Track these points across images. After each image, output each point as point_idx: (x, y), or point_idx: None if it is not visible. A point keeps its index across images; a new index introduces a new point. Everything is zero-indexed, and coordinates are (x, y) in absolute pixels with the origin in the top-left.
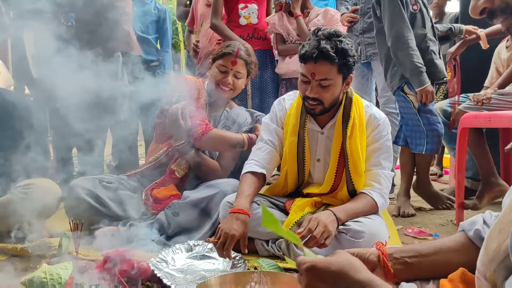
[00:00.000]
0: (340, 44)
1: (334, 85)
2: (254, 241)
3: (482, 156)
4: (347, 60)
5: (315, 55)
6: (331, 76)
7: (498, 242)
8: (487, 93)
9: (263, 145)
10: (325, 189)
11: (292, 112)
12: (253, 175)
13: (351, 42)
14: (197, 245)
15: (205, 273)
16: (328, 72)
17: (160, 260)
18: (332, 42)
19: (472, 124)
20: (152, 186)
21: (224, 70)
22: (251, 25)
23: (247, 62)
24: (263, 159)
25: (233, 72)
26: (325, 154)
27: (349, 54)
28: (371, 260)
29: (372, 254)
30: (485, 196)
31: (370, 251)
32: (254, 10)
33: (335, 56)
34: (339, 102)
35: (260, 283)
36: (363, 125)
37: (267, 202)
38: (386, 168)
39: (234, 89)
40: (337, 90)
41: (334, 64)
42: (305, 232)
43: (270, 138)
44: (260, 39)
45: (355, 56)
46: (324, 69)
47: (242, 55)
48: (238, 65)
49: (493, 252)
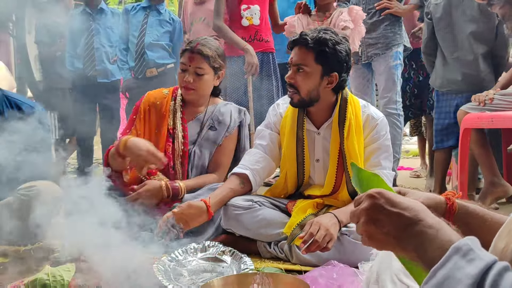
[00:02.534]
0: (322, 34)
1: (310, 74)
2: (256, 243)
3: (484, 157)
4: (324, 49)
5: (294, 39)
6: (306, 63)
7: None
8: (489, 94)
9: (252, 149)
10: (326, 191)
11: (288, 114)
12: (235, 176)
13: (338, 38)
14: (211, 246)
15: (211, 275)
16: (304, 58)
17: (171, 259)
18: (316, 32)
19: (474, 124)
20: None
21: (183, 68)
22: (253, 26)
23: (208, 56)
24: (248, 161)
25: (192, 69)
26: (323, 154)
27: (327, 44)
28: (436, 208)
29: (438, 204)
30: (488, 197)
31: (437, 199)
32: (256, 11)
33: (311, 41)
34: (332, 102)
35: (262, 285)
36: (360, 126)
37: (268, 203)
38: (387, 168)
39: (196, 88)
40: (312, 81)
41: (309, 50)
42: (307, 236)
43: (261, 142)
44: (262, 41)
45: (337, 50)
46: (300, 54)
47: (200, 49)
48: (196, 60)
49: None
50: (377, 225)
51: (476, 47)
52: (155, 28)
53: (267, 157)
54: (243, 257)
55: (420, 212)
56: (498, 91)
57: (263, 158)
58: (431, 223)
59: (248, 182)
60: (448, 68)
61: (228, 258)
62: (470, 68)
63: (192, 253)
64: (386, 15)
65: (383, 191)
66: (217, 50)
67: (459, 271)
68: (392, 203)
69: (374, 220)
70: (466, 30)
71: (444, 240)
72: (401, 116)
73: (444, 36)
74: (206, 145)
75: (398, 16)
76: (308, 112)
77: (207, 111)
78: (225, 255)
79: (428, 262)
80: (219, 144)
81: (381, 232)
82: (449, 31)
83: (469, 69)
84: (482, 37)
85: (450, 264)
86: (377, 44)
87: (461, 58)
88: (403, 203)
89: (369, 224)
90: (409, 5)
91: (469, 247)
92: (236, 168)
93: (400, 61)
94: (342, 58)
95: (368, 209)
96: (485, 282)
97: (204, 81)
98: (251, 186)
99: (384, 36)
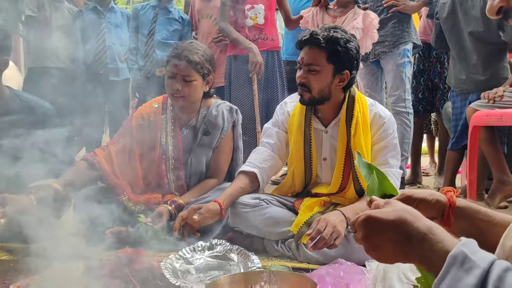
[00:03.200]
0: (333, 33)
1: (322, 73)
2: (263, 242)
3: (494, 155)
4: (336, 48)
5: (305, 39)
6: (318, 62)
7: None
8: (499, 91)
9: (259, 148)
10: (333, 189)
11: (296, 112)
12: (243, 175)
13: (348, 36)
14: (218, 244)
15: (218, 272)
16: (316, 58)
17: (179, 257)
18: (326, 31)
19: (484, 122)
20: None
21: (170, 75)
22: (257, 26)
23: (195, 63)
24: (256, 160)
25: (179, 76)
26: (331, 153)
27: (339, 43)
28: (435, 207)
29: (438, 201)
30: (498, 195)
31: (437, 197)
32: (260, 10)
33: (323, 41)
34: (340, 100)
35: (269, 283)
36: (367, 124)
37: (275, 201)
38: (394, 166)
39: (185, 95)
40: (325, 80)
41: (321, 50)
42: (314, 233)
43: (268, 140)
44: (267, 39)
45: (349, 48)
46: (312, 53)
47: (187, 57)
48: (183, 68)
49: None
50: (377, 250)
51: (479, 46)
52: (164, 26)
53: (274, 155)
54: (250, 255)
55: (408, 225)
56: (508, 88)
57: (270, 157)
58: (421, 231)
59: (256, 181)
60: (456, 67)
61: (235, 256)
62: (473, 68)
63: (200, 251)
64: (394, 12)
65: (371, 214)
66: (205, 55)
67: (460, 282)
68: (381, 227)
69: (373, 246)
70: (467, 29)
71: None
72: (410, 115)
73: (450, 36)
74: (202, 151)
75: (407, 14)
76: (316, 111)
77: (199, 115)
78: (232, 253)
79: (434, 271)
80: (215, 147)
81: (384, 254)
82: (454, 31)
83: (473, 69)
84: (483, 37)
85: (450, 276)
86: (385, 42)
87: (465, 58)
88: (389, 218)
89: (371, 250)
90: (417, 2)
91: (464, 255)
92: (244, 166)
93: (409, 59)
94: (353, 55)
95: (364, 238)
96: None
97: (193, 88)
98: (258, 185)
99: (392, 34)
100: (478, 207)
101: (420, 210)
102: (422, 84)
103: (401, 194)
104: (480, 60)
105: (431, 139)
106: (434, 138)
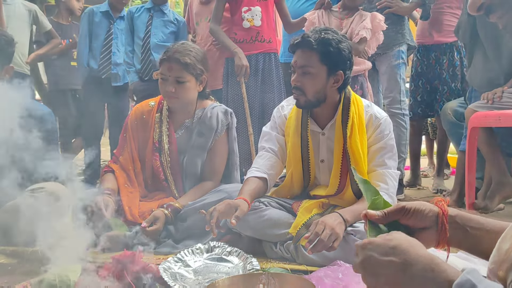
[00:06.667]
0: (324, 35)
1: (316, 75)
2: (262, 244)
3: (492, 156)
4: (328, 49)
5: (297, 42)
6: (311, 64)
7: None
8: (497, 91)
9: (263, 153)
10: (331, 191)
11: (292, 115)
12: (256, 178)
13: (340, 37)
14: (217, 246)
15: (217, 275)
16: (309, 59)
17: (177, 260)
18: (317, 33)
19: (482, 123)
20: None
21: (163, 77)
22: (254, 27)
23: (187, 64)
24: (264, 166)
25: (172, 78)
26: (328, 155)
27: (331, 44)
28: (429, 217)
29: (431, 211)
30: (497, 196)
31: (430, 207)
32: (257, 12)
33: (315, 43)
34: (336, 102)
35: (268, 285)
36: (363, 125)
37: (274, 203)
38: (392, 167)
39: (179, 96)
40: (319, 81)
41: (313, 51)
42: (312, 236)
43: (271, 146)
44: (264, 41)
45: (341, 49)
46: (304, 56)
47: (178, 58)
48: (175, 70)
49: (505, 253)
50: (375, 278)
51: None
52: (160, 29)
53: (279, 161)
54: (249, 258)
55: (409, 253)
56: (507, 89)
57: (276, 164)
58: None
59: (265, 186)
60: (487, 66)
61: (234, 258)
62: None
63: (198, 253)
64: (388, 14)
65: (372, 240)
66: (197, 55)
67: None
68: (382, 251)
69: (371, 274)
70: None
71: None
72: (405, 116)
73: (485, 33)
74: (197, 153)
75: (401, 15)
76: (312, 113)
77: (195, 116)
78: (231, 256)
79: None
80: (210, 149)
81: (382, 282)
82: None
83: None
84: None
85: None
86: None
87: (501, 56)
88: (391, 243)
89: (369, 277)
90: (411, 3)
91: (471, 283)
92: (254, 172)
93: (403, 60)
94: (345, 56)
95: (362, 262)
96: None
97: (186, 89)
98: (265, 188)
99: (386, 36)
100: (469, 215)
101: (416, 220)
102: (421, 87)
103: (396, 205)
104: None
105: (429, 141)
106: (432, 140)
